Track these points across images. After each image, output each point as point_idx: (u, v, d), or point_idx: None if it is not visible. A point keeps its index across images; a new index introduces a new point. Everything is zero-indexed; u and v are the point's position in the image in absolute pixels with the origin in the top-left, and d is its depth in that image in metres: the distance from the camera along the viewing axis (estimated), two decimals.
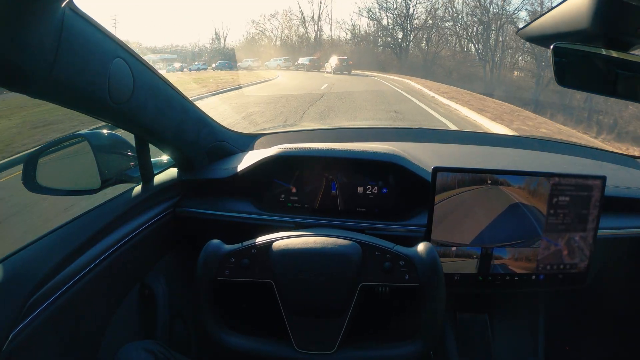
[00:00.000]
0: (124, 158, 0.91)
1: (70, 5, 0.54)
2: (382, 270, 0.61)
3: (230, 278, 0.62)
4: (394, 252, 0.62)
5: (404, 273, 0.61)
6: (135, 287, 0.85)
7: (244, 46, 39.02)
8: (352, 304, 0.62)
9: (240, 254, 0.62)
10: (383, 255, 0.62)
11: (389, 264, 0.61)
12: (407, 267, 0.61)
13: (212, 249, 0.63)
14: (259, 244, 0.63)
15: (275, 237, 0.64)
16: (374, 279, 0.62)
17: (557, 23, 0.61)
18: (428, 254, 0.62)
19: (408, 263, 0.61)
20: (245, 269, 0.62)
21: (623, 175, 1.08)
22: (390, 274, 0.61)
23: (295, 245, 0.62)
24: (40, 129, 6.07)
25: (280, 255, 0.61)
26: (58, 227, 0.69)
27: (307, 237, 0.64)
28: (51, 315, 0.61)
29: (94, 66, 0.60)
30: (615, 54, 0.57)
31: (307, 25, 36.59)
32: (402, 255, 0.62)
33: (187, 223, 0.97)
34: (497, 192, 0.81)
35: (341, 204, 0.97)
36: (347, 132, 1.51)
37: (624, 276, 1.00)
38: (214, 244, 0.64)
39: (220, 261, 0.62)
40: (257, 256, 0.62)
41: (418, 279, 0.61)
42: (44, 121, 6.23)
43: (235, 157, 1.04)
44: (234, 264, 0.62)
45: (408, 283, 0.61)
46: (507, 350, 1.06)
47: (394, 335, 0.66)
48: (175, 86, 0.85)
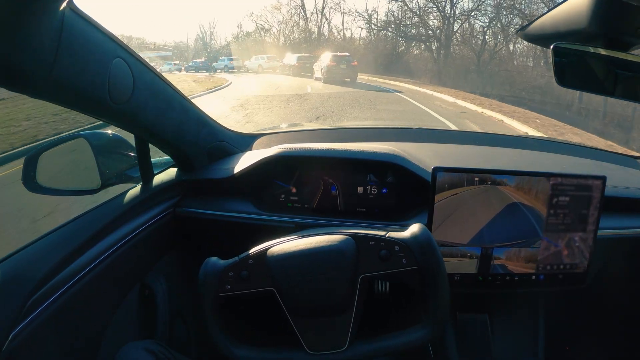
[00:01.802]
0: (124, 158, 0.91)
1: (70, 5, 0.54)
2: (379, 258, 0.61)
3: (232, 292, 0.62)
4: (388, 239, 0.62)
5: (401, 258, 0.61)
6: (135, 287, 0.85)
7: (238, 43, 32.12)
8: (356, 297, 0.62)
9: (237, 267, 0.62)
10: (377, 243, 0.62)
11: (385, 251, 0.61)
12: (403, 252, 0.61)
13: (210, 266, 0.63)
14: (254, 254, 0.63)
15: (269, 244, 0.64)
16: (372, 269, 0.61)
17: (557, 23, 0.61)
18: (422, 235, 0.62)
19: (403, 247, 0.61)
20: (245, 280, 0.62)
21: (623, 175, 1.08)
22: (388, 261, 0.61)
23: (290, 249, 0.62)
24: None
25: (276, 262, 0.61)
26: (58, 227, 0.69)
27: (300, 239, 0.64)
28: (51, 315, 0.61)
29: (94, 66, 0.60)
30: (615, 54, 0.57)
31: (309, 16, 27.77)
32: (397, 240, 0.62)
33: (187, 223, 0.97)
34: (497, 192, 0.81)
35: (341, 204, 0.97)
36: (347, 132, 1.51)
37: (624, 276, 1.00)
38: (211, 261, 0.64)
39: (219, 277, 0.62)
40: (254, 266, 0.62)
41: (416, 261, 0.60)
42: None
43: (235, 157, 1.04)
44: (233, 278, 0.62)
45: (407, 267, 0.61)
46: (507, 350, 1.06)
47: (403, 323, 0.66)
48: (176, 86, 0.86)
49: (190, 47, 36.86)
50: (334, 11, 41.60)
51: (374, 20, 24.68)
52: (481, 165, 0.99)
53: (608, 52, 0.57)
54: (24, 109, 7.34)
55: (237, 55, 25.94)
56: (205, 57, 30.36)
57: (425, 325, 0.62)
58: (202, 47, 35.10)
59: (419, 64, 19.26)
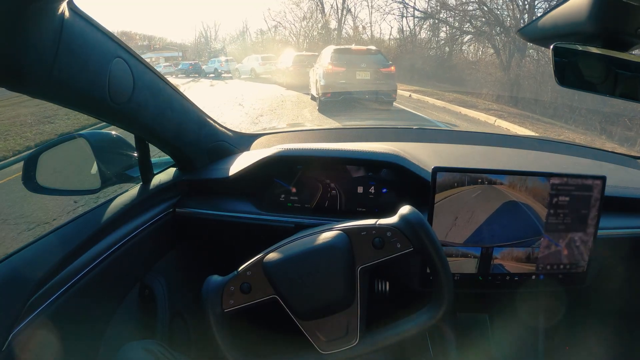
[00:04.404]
0: (124, 158, 0.91)
1: (70, 5, 0.54)
2: (374, 247, 0.61)
3: (236, 306, 0.62)
4: (379, 227, 0.62)
5: (395, 243, 0.61)
6: (135, 287, 0.85)
7: (242, 41, 29.67)
8: (358, 290, 0.62)
9: (237, 280, 0.62)
10: (369, 233, 0.62)
11: (378, 239, 0.61)
12: (395, 237, 0.61)
13: (211, 284, 0.63)
14: (251, 265, 0.63)
15: (264, 253, 0.64)
16: (368, 259, 0.61)
17: (557, 23, 0.61)
18: (411, 216, 0.62)
19: (395, 232, 0.61)
20: (248, 292, 0.62)
21: (623, 175, 1.08)
22: (383, 249, 0.61)
23: (285, 254, 0.62)
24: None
25: (274, 269, 0.61)
26: (58, 227, 0.69)
27: (293, 243, 0.64)
28: (51, 316, 0.61)
29: (94, 66, 0.60)
30: (615, 54, 0.57)
31: (328, 10, 21.65)
32: (387, 226, 0.61)
33: (187, 223, 0.97)
34: (497, 192, 0.81)
35: (341, 204, 0.97)
36: (347, 132, 1.51)
37: (624, 276, 1.00)
38: (212, 279, 0.64)
39: (221, 293, 0.62)
40: (253, 277, 0.62)
41: (410, 243, 0.60)
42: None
43: (235, 157, 1.04)
44: (235, 292, 0.62)
45: (402, 251, 0.61)
46: (507, 350, 1.06)
47: (411, 308, 0.66)
48: (176, 86, 0.85)
49: (190, 47, 35.38)
50: (359, 6, 34.71)
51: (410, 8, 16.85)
52: (481, 165, 0.99)
53: (608, 52, 0.57)
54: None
55: (232, 56, 22.71)
56: (203, 58, 28.34)
57: (432, 306, 0.62)
58: (204, 46, 33.62)
59: (476, 72, 11.89)
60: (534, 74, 9.73)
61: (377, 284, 0.93)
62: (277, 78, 13.10)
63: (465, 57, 14.57)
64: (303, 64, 10.60)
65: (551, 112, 7.98)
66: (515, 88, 9.86)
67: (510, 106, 8.95)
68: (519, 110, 8.37)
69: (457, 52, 15.00)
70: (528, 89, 9.53)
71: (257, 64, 16.71)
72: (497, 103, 9.27)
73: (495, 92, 10.07)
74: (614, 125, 6.39)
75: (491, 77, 10.99)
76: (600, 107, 6.72)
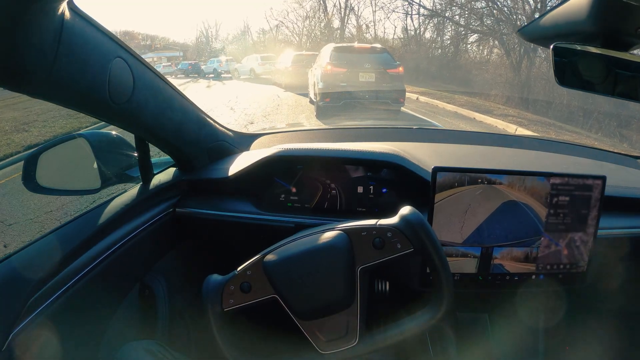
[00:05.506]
0: (124, 158, 0.91)
1: (70, 5, 0.54)
2: (374, 247, 0.61)
3: (236, 306, 0.62)
4: (379, 227, 0.62)
5: (395, 243, 0.61)
6: (135, 287, 0.85)
7: (244, 40, 29.06)
8: (358, 290, 0.62)
9: (237, 280, 0.63)
10: (369, 233, 0.62)
11: (378, 239, 0.61)
12: (396, 237, 0.61)
13: (211, 283, 0.63)
14: (250, 264, 0.63)
15: (264, 252, 0.64)
16: (368, 259, 0.61)
17: (557, 23, 0.61)
18: (411, 216, 0.62)
19: (395, 232, 0.61)
20: (247, 292, 0.62)
21: (623, 175, 1.08)
22: (383, 249, 0.61)
23: (285, 253, 0.62)
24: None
25: (274, 268, 0.62)
26: (58, 227, 0.69)
27: (293, 242, 0.64)
28: (51, 315, 0.61)
29: (94, 66, 0.60)
30: (615, 54, 0.57)
31: (331, 9, 20.80)
32: (388, 227, 0.62)
33: (187, 223, 0.97)
34: (497, 192, 0.81)
35: (341, 204, 0.97)
36: (347, 132, 1.51)
37: (624, 276, 1.00)
38: (211, 278, 0.64)
39: (222, 293, 0.62)
40: (253, 277, 0.62)
41: (410, 243, 0.60)
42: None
43: (235, 157, 1.04)
44: (235, 291, 0.62)
45: (402, 251, 0.61)
46: (507, 350, 1.06)
47: (411, 308, 0.65)
48: (176, 86, 0.86)
49: (192, 47, 35.15)
50: (362, 4, 32.70)
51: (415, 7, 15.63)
52: (481, 165, 0.99)
53: (608, 52, 0.57)
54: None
55: (232, 56, 21.91)
56: (203, 57, 28.09)
57: (433, 305, 0.62)
58: (204, 46, 33.40)
59: (485, 73, 11.39)
60: (546, 75, 8.91)
61: (377, 284, 0.93)
62: (277, 78, 12.50)
63: (472, 58, 13.94)
64: (302, 64, 9.89)
65: (566, 115, 7.56)
66: (526, 90, 9.25)
67: (525, 110, 8.36)
68: (539, 117, 7.63)
69: (463, 52, 14.33)
70: (540, 90, 8.95)
71: (256, 64, 16.27)
72: (510, 107, 8.63)
73: (505, 93, 9.49)
74: (630, 130, 6.23)
75: (501, 78, 10.41)
76: (620, 110, 6.52)
